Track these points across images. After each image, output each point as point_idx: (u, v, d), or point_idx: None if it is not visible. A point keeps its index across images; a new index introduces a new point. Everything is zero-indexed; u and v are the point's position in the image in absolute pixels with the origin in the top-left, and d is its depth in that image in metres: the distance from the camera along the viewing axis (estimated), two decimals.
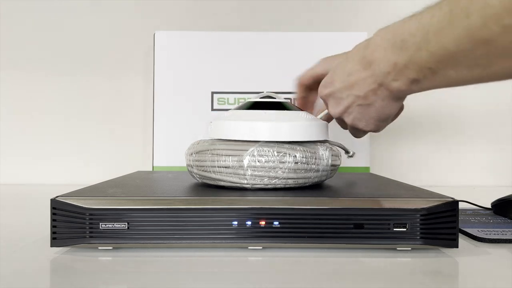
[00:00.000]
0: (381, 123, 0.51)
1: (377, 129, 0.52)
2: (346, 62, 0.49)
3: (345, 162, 0.76)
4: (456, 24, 0.36)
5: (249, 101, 0.56)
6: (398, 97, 0.47)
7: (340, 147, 0.58)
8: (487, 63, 0.37)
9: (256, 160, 0.49)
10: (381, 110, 0.49)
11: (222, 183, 0.51)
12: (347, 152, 0.62)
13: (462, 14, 0.36)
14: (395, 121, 0.55)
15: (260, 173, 0.49)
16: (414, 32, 0.41)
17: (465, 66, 0.38)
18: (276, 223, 0.45)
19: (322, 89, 0.53)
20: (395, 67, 0.43)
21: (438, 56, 0.39)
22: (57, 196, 0.45)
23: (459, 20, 0.36)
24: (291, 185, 0.51)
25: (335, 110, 0.52)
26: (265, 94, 0.57)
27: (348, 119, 0.52)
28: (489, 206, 0.66)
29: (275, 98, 0.56)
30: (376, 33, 0.46)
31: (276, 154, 0.49)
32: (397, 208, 0.45)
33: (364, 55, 0.46)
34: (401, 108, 0.52)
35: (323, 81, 0.53)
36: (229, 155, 0.50)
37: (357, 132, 0.55)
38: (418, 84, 0.43)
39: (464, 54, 0.37)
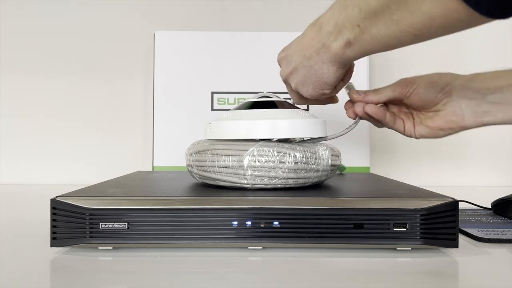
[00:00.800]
0: (319, 90, 0.53)
1: (316, 96, 0.53)
2: (306, 30, 0.52)
3: (345, 162, 0.77)
4: None
5: (247, 102, 0.56)
6: (336, 61, 0.49)
7: (341, 135, 0.56)
8: (398, 19, 0.39)
9: (256, 160, 0.49)
10: (320, 75, 0.50)
11: (222, 183, 0.51)
12: (351, 125, 0.57)
13: None
14: None
15: (260, 173, 0.49)
16: None
17: (383, 23, 0.41)
18: (276, 223, 0.45)
19: (280, 53, 0.56)
20: (336, 26, 0.46)
21: (364, 13, 0.42)
22: (57, 196, 0.45)
23: None
24: (291, 185, 0.51)
25: (284, 71, 0.55)
26: (262, 94, 0.57)
27: (292, 83, 0.54)
28: (489, 206, 0.66)
29: (272, 97, 0.56)
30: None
31: (276, 154, 0.49)
32: (397, 208, 0.45)
33: (319, 18, 0.50)
34: (347, 76, 0.54)
35: (284, 47, 0.56)
36: (229, 155, 0.50)
37: (300, 99, 0.57)
38: (351, 47, 0.45)
39: (382, 9, 0.40)
